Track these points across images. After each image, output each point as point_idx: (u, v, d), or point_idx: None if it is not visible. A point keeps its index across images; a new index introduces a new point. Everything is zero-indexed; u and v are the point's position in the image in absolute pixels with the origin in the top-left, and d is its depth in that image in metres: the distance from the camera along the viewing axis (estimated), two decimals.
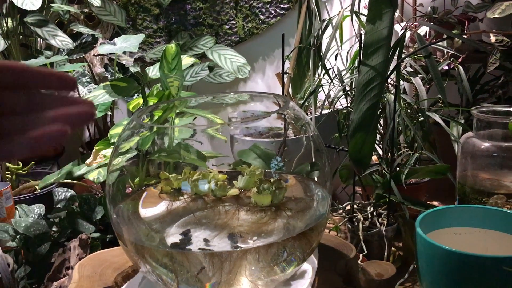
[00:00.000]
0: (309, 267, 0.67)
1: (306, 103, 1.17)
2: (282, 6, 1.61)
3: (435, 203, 1.23)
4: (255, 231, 0.60)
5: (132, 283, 0.67)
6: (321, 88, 1.17)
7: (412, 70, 1.07)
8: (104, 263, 0.72)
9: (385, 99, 1.00)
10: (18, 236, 0.98)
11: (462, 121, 1.12)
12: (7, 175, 1.23)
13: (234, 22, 1.64)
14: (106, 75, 1.53)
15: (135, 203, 0.67)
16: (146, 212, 0.67)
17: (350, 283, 0.68)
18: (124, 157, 0.70)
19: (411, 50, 1.25)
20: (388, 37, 0.83)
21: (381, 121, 1.07)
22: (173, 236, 0.61)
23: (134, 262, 0.64)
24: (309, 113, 1.24)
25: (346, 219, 1.02)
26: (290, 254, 0.59)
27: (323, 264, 0.67)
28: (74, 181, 1.16)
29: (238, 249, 0.58)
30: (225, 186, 0.66)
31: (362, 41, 0.89)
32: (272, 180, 0.64)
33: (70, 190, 1.13)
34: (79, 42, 1.48)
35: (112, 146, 0.99)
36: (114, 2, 1.59)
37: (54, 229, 1.02)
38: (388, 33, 0.83)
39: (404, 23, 1.27)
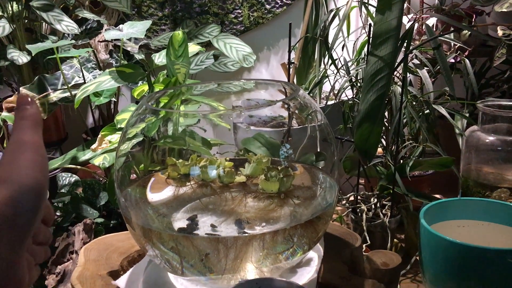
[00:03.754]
0: (315, 255, 0.67)
1: (311, 94, 1.17)
2: None
3: (437, 196, 1.23)
4: (262, 217, 0.60)
5: (138, 267, 0.67)
6: (326, 79, 1.17)
7: (418, 62, 1.07)
8: (110, 247, 0.72)
9: (391, 91, 1.00)
10: None
11: (467, 115, 1.12)
12: None
13: (240, 11, 1.63)
14: (110, 61, 1.53)
15: (143, 187, 0.67)
16: (154, 197, 0.67)
17: (355, 272, 0.68)
18: (130, 143, 0.70)
19: (417, 43, 1.24)
20: (397, 28, 0.82)
21: (386, 113, 1.07)
22: (180, 221, 0.61)
23: (141, 246, 0.64)
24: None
25: (349, 209, 1.03)
26: (296, 242, 0.60)
27: (329, 253, 0.68)
28: (78, 167, 1.16)
29: (245, 235, 0.58)
30: (232, 172, 0.66)
31: (371, 31, 0.88)
32: (279, 167, 0.64)
33: (74, 175, 1.14)
34: (84, 28, 1.48)
35: (118, 132, 0.99)
36: None
37: (58, 213, 1.02)
38: (397, 23, 0.82)
39: (412, 14, 1.27)
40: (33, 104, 0.41)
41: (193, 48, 1.16)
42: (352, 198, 1.06)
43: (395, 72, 1.04)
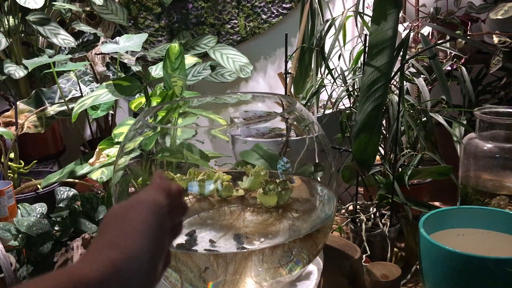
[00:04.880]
0: (314, 268, 0.67)
1: (309, 103, 1.17)
2: (284, 5, 1.61)
3: (436, 203, 1.23)
4: (261, 232, 0.60)
5: None
6: (323, 88, 1.17)
7: (415, 70, 1.07)
8: None
9: (388, 100, 1.00)
10: (20, 235, 0.97)
11: (465, 122, 1.12)
12: (9, 174, 1.22)
13: (236, 22, 1.64)
14: (107, 73, 1.53)
15: None
16: None
17: (355, 284, 0.68)
18: (128, 157, 0.70)
19: (413, 50, 1.25)
20: (393, 38, 0.83)
21: (384, 122, 1.07)
22: (178, 236, 0.61)
23: None
24: (311, 114, 1.24)
25: (349, 219, 1.02)
26: (296, 256, 0.59)
27: (328, 265, 0.67)
28: (76, 180, 1.16)
29: (244, 250, 0.58)
30: (230, 186, 0.66)
31: (367, 41, 0.89)
32: (277, 181, 0.64)
33: (72, 189, 1.13)
34: (80, 40, 1.48)
35: (116, 146, 0.99)
36: (116, 0, 1.59)
37: (56, 228, 1.01)
38: (392, 34, 0.83)
39: (407, 23, 1.27)
40: (170, 180, 0.43)
41: (189, 60, 1.16)
42: (351, 207, 1.06)
43: (392, 81, 1.04)
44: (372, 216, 1.01)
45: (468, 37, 1.20)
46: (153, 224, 0.37)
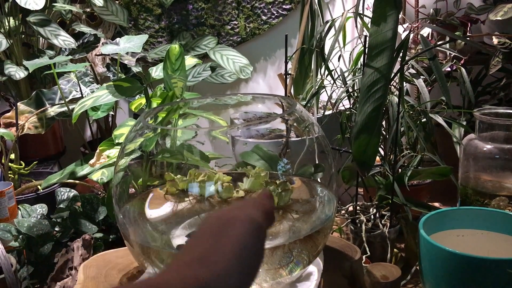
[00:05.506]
0: (314, 269, 0.67)
1: (309, 104, 1.17)
2: (284, 6, 1.62)
3: (436, 204, 1.23)
4: None
5: None
6: (323, 89, 1.17)
7: (414, 71, 1.08)
8: (109, 264, 0.72)
9: (388, 101, 1.00)
10: (20, 236, 0.98)
11: (464, 123, 1.13)
12: (9, 175, 1.23)
13: (236, 23, 1.64)
14: (108, 74, 1.53)
15: (141, 204, 0.67)
16: (152, 213, 0.67)
17: (355, 285, 0.68)
18: (129, 158, 0.70)
19: (413, 51, 1.25)
20: (393, 39, 0.83)
21: (384, 123, 1.07)
22: (179, 237, 0.61)
23: (140, 263, 0.64)
24: (311, 114, 1.24)
25: (349, 220, 1.02)
26: (296, 257, 0.60)
27: (328, 266, 0.67)
28: (77, 181, 1.16)
29: None
30: (231, 188, 0.66)
31: (366, 43, 0.89)
32: (277, 182, 0.64)
33: (72, 190, 1.13)
34: (81, 41, 1.48)
35: (116, 147, 0.99)
36: (116, 1, 1.59)
37: (56, 229, 1.02)
38: (392, 35, 0.83)
39: (407, 24, 1.27)
40: (273, 201, 0.41)
41: (190, 61, 1.17)
42: (351, 208, 1.06)
43: (392, 82, 1.05)
44: (372, 217, 1.02)
45: (468, 38, 1.20)
46: (249, 245, 0.36)
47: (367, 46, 0.86)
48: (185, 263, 0.33)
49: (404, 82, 1.08)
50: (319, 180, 0.69)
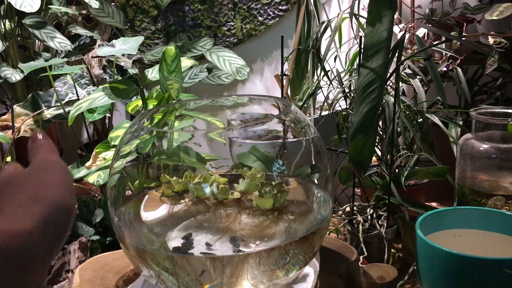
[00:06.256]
0: (310, 270, 0.67)
1: (305, 105, 1.17)
2: (280, 7, 1.62)
3: (433, 204, 1.23)
4: (257, 235, 0.60)
5: (134, 287, 0.67)
6: (320, 90, 1.17)
7: (410, 71, 1.08)
8: (105, 267, 0.71)
9: (384, 101, 1.00)
10: None
11: (461, 123, 1.13)
12: None
13: (233, 24, 1.64)
14: (104, 76, 1.53)
15: (137, 206, 0.67)
16: (148, 215, 0.67)
17: (351, 286, 0.68)
18: (124, 160, 0.70)
19: (409, 51, 1.25)
20: (388, 39, 0.83)
21: (380, 123, 1.07)
22: (174, 240, 0.61)
23: (135, 266, 0.63)
24: (308, 115, 1.24)
25: (346, 221, 1.02)
26: (292, 258, 0.60)
27: (325, 267, 0.67)
28: (73, 184, 1.15)
29: (240, 253, 0.58)
30: (226, 189, 0.66)
31: (362, 43, 0.89)
32: (273, 183, 0.64)
33: None
34: (77, 43, 1.48)
35: (112, 149, 0.99)
36: (112, 3, 1.59)
37: None
38: (387, 35, 0.83)
39: (403, 25, 1.27)
40: (46, 138, 0.42)
41: (186, 62, 1.17)
42: (348, 209, 1.06)
43: (388, 82, 1.05)
44: (369, 217, 1.02)
45: (464, 38, 1.21)
46: (68, 179, 0.38)
47: (362, 46, 0.86)
48: (19, 207, 0.34)
49: (400, 82, 1.08)
50: (315, 181, 0.69)
